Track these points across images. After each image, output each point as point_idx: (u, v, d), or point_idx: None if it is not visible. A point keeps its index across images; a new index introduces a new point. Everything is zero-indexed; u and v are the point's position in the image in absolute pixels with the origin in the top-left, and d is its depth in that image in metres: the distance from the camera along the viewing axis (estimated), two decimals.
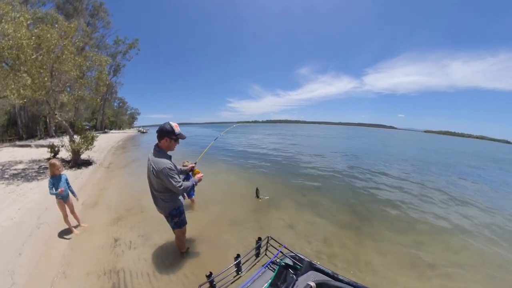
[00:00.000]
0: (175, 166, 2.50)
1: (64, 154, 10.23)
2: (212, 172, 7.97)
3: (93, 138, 9.88)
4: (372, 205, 5.25)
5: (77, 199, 3.95)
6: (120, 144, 20.96)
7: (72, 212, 3.89)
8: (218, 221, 4.19)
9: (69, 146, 9.12)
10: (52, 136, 26.09)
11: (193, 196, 4.86)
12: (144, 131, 53.48)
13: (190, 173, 2.96)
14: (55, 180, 3.60)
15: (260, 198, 4.01)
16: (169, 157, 2.46)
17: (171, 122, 2.37)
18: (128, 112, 78.91)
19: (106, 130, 48.67)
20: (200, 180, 2.74)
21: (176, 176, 2.33)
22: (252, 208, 4.81)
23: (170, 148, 2.45)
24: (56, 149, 10.41)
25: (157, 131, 2.38)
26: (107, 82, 12.16)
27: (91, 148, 9.95)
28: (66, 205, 3.71)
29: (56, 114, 9.15)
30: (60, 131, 29.18)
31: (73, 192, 3.84)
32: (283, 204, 5.06)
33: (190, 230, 3.65)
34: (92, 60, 10.12)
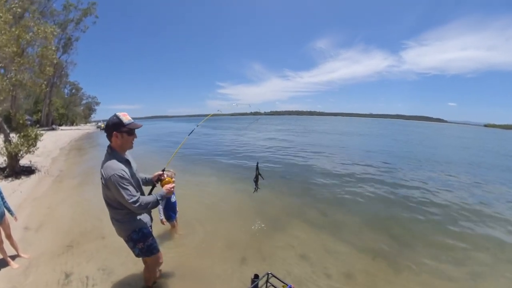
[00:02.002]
0: (133, 174, 2.53)
1: None
2: (197, 183, 8.01)
3: (36, 137, 9.90)
4: (414, 227, 5.27)
5: (16, 219, 3.98)
6: (73, 145, 21.08)
7: (9, 237, 3.88)
8: (205, 248, 4.22)
9: (4, 148, 9.13)
10: None
11: (175, 219, 4.82)
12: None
13: (158, 183, 2.89)
14: None
15: (256, 188, 3.99)
16: (125, 161, 2.49)
17: (117, 113, 2.44)
18: (84, 101, 79.30)
19: (54, 126, 48.73)
20: (169, 192, 2.70)
21: (130, 188, 2.33)
22: (252, 230, 4.85)
23: (126, 145, 2.50)
24: None
25: (104, 129, 2.47)
26: (55, 61, 12.17)
27: (34, 151, 9.97)
28: (1, 228, 3.71)
29: None
30: None
31: (9, 210, 3.84)
32: (294, 226, 5.10)
33: (168, 260, 3.66)
34: (34, 32, 10.12)
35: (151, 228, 2.79)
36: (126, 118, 2.41)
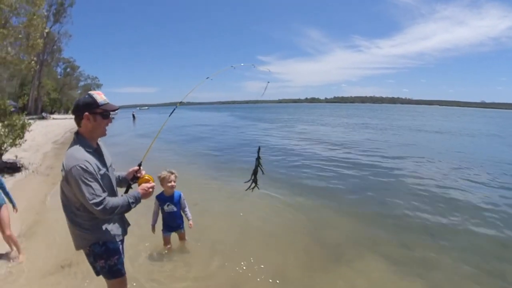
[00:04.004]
0: (102, 168, 2.53)
1: None
2: (230, 194, 7.81)
3: (24, 127, 10.31)
4: None
5: (16, 210, 4.64)
6: (68, 138, 21.78)
7: (4, 231, 4.39)
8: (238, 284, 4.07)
9: None
10: None
11: (183, 230, 4.87)
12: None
13: (135, 183, 2.82)
14: None
15: (251, 184, 3.43)
16: (94, 150, 2.54)
17: (91, 92, 2.54)
18: (82, 83, 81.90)
19: (44, 113, 50.96)
20: (146, 194, 2.67)
21: (94, 185, 2.33)
22: (303, 261, 4.59)
23: (98, 130, 2.55)
24: None
25: (72, 111, 2.58)
26: (45, 32, 12.41)
27: (21, 144, 10.42)
28: None
29: None
30: None
31: (11, 201, 4.55)
32: (363, 259, 4.74)
33: None
34: None
35: (122, 242, 2.77)
36: (101, 97, 2.49)
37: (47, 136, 21.20)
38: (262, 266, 4.45)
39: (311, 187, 8.73)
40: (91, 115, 2.43)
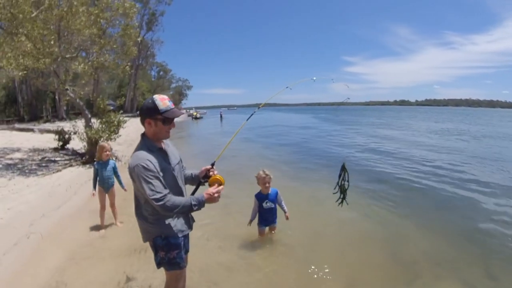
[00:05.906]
0: (167, 167, 2.58)
1: (77, 144, 11.88)
2: (306, 197, 7.61)
3: (119, 124, 11.15)
4: None
5: (125, 190, 5.53)
6: None
7: (112, 205, 5.56)
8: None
9: (84, 134, 10.66)
10: (62, 119, 31.41)
11: (276, 224, 5.08)
12: (199, 115, 57.44)
13: (206, 182, 2.79)
14: (101, 166, 5.29)
15: (341, 199, 3.45)
16: (157, 150, 2.60)
17: (156, 96, 2.55)
18: (173, 85, 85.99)
19: (139, 112, 54.39)
20: (211, 198, 2.58)
21: (155, 182, 2.39)
22: (372, 275, 4.28)
23: (159, 134, 2.58)
24: (66, 136, 12.39)
25: (138, 113, 2.73)
26: (139, 40, 13.46)
27: (116, 138, 11.29)
28: (107, 196, 5.41)
29: (67, 89, 10.89)
30: (73, 112, 34.39)
31: (120, 183, 5.60)
32: (440, 283, 4.22)
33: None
34: (113, 10, 11.37)
35: (185, 237, 2.81)
36: (163, 103, 2.49)
37: (139, 133, 22.44)
38: (333, 274, 4.27)
39: (391, 198, 8.01)
40: (152, 121, 2.49)
